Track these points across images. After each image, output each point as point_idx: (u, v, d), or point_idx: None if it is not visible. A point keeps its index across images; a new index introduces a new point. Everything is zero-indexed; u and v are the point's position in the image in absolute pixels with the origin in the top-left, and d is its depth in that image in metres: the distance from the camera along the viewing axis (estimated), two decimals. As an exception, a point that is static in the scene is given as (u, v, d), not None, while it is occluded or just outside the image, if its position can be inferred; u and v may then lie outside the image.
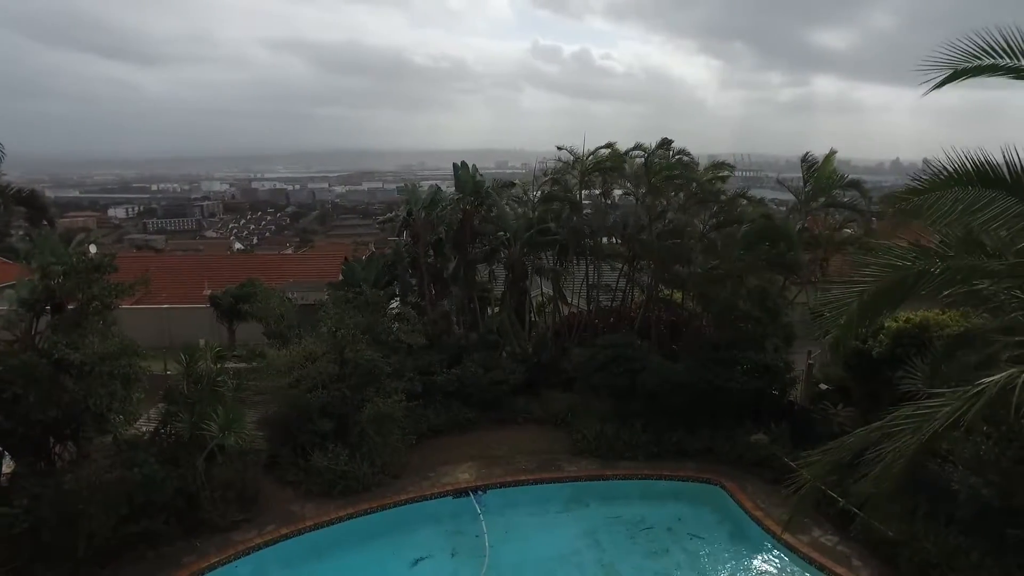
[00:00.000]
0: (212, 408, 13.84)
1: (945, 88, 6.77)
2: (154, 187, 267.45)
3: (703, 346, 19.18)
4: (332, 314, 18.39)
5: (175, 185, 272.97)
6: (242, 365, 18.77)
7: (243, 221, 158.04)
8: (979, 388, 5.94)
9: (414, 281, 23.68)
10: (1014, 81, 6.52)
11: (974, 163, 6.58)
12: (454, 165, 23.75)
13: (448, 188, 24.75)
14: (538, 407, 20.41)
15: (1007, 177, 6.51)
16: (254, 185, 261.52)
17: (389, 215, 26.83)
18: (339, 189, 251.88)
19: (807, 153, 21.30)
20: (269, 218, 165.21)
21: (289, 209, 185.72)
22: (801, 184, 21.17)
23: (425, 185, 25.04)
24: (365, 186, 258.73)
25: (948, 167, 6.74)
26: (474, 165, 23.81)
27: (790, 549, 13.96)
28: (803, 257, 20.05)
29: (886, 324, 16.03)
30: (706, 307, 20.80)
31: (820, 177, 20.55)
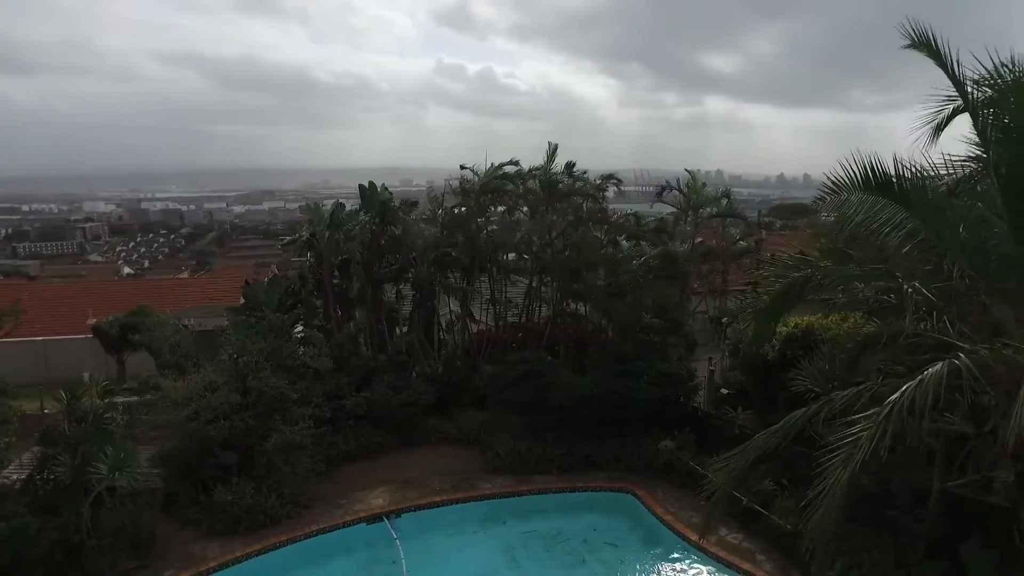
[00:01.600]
0: (99, 448, 12.83)
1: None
2: (25, 207, 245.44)
3: (609, 358, 19.74)
4: (233, 340, 17.57)
5: (51, 205, 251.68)
6: (134, 399, 17.57)
7: (132, 244, 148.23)
8: (888, 407, 6.50)
9: (319, 303, 23.04)
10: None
11: (872, 175, 7.17)
12: (360, 187, 23.37)
13: (352, 206, 24.32)
14: (451, 427, 20.28)
15: (895, 187, 7.13)
16: (144, 205, 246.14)
17: (292, 236, 26.01)
18: (238, 209, 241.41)
19: (689, 178, 22.77)
20: (162, 240, 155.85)
21: (184, 230, 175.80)
22: (686, 201, 22.55)
23: (329, 204, 24.49)
24: (266, 206, 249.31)
25: (846, 179, 7.34)
26: (383, 184, 23.54)
27: (700, 550, 14.51)
28: (692, 270, 21.18)
29: (777, 329, 17.14)
30: (610, 320, 21.48)
31: (699, 194, 22.06)
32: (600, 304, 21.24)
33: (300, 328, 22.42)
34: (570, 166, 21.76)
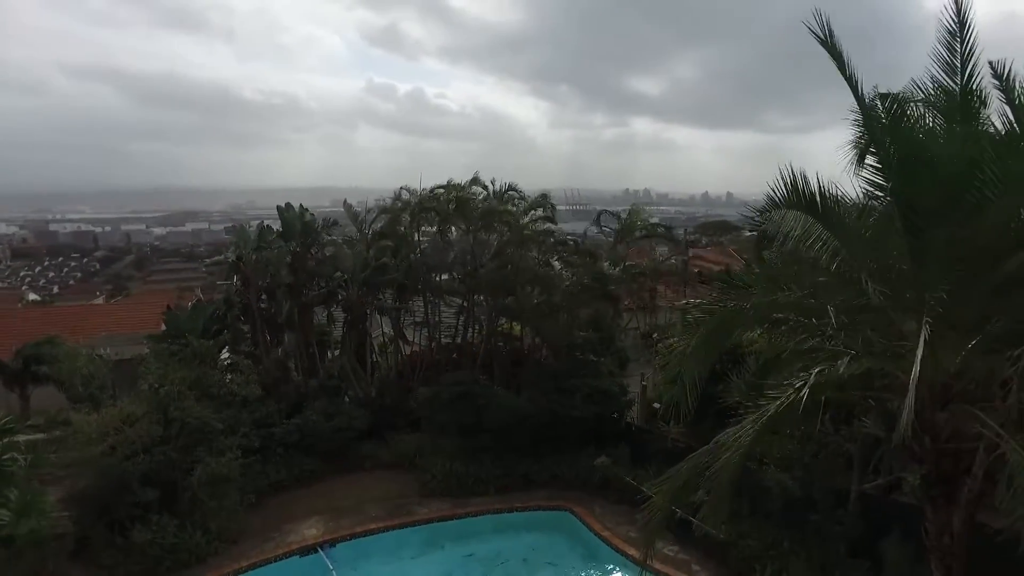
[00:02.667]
0: None
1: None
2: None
3: (543, 377, 19.89)
4: (154, 369, 16.75)
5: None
6: (40, 436, 16.36)
7: (39, 268, 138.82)
8: (763, 414, 6.91)
9: (247, 328, 22.25)
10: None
11: (798, 195, 7.53)
12: (278, 208, 22.83)
13: (280, 227, 23.73)
14: (386, 451, 19.89)
15: (819, 206, 7.52)
16: (52, 227, 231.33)
17: (217, 258, 25.09)
18: (159, 231, 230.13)
19: (628, 202, 23.47)
20: (73, 264, 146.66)
21: (98, 253, 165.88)
22: (619, 222, 23.27)
23: (256, 225, 23.79)
24: (189, 227, 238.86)
25: (779, 197, 7.69)
26: (301, 205, 23.05)
27: (638, 564, 14.68)
28: (623, 288, 21.74)
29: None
30: (543, 338, 21.68)
31: (632, 218, 22.83)
32: (533, 323, 21.40)
33: (227, 355, 21.58)
34: (507, 188, 22.00)
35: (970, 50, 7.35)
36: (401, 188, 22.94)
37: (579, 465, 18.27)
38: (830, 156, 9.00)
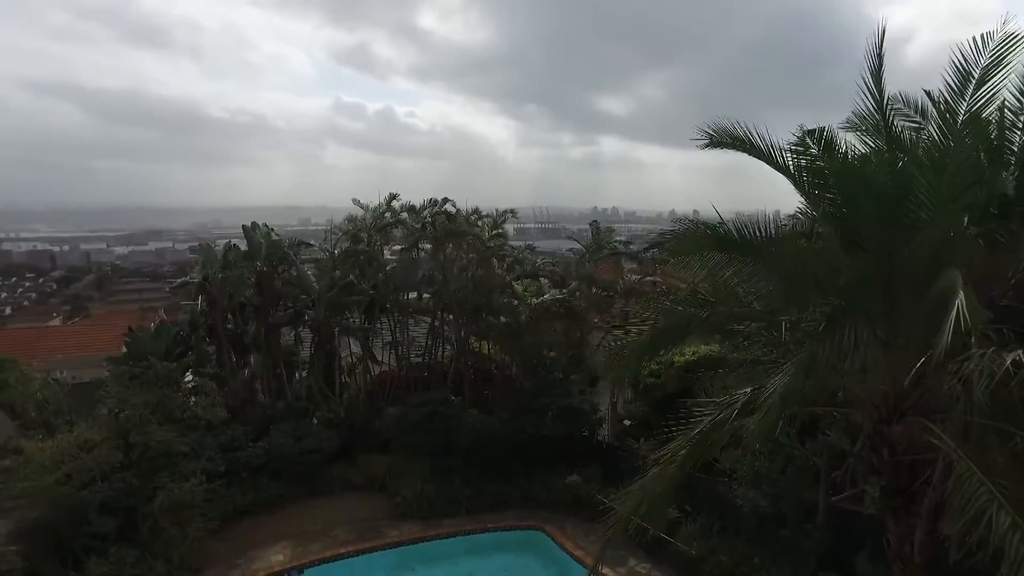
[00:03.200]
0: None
1: (702, 152, 8.19)
2: None
3: (514, 396, 19.86)
4: (114, 393, 16.28)
5: None
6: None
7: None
8: (698, 426, 7.19)
9: (212, 350, 21.79)
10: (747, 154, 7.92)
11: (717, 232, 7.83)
12: (244, 227, 22.53)
13: (246, 247, 23.42)
14: (355, 473, 19.58)
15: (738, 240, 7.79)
16: (6, 246, 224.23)
17: (183, 278, 24.54)
18: (121, 250, 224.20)
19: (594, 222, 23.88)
20: (28, 284, 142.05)
21: (55, 273, 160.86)
22: (589, 238, 23.55)
23: (222, 244, 23.41)
24: (152, 246, 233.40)
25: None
26: (266, 224, 22.78)
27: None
28: (591, 306, 21.93)
29: (675, 360, 17.90)
30: (513, 357, 21.67)
31: (600, 236, 23.21)
32: (502, 342, 21.39)
33: (191, 377, 21.08)
34: (474, 211, 22.16)
35: (880, 82, 7.70)
36: (363, 204, 22.93)
37: (550, 484, 18.23)
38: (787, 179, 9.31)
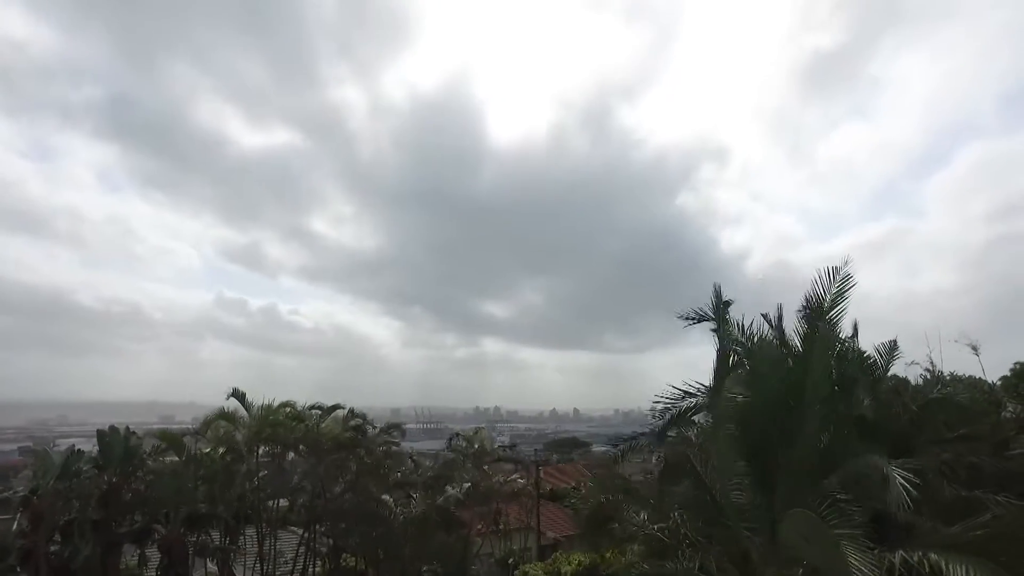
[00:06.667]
0: None
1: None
2: None
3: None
4: None
5: None
6: None
7: None
8: None
9: (25, 579, 18.25)
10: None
11: None
12: (99, 432, 20.24)
13: (95, 447, 20.84)
14: None
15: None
16: None
17: (2, 491, 21.16)
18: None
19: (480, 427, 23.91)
20: None
21: None
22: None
23: (64, 445, 20.74)
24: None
25: None
26: (127, 427, 20.70)
27: None
28: (472, 514, 21.21)
29: (563, 570, 17.21)
30: (390, 573, 19.92)
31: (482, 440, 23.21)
32: (376, 558, 19.77)
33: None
34: (354, 414, 21.52)
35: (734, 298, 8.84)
36: (240, 402, 21.54)
37: None
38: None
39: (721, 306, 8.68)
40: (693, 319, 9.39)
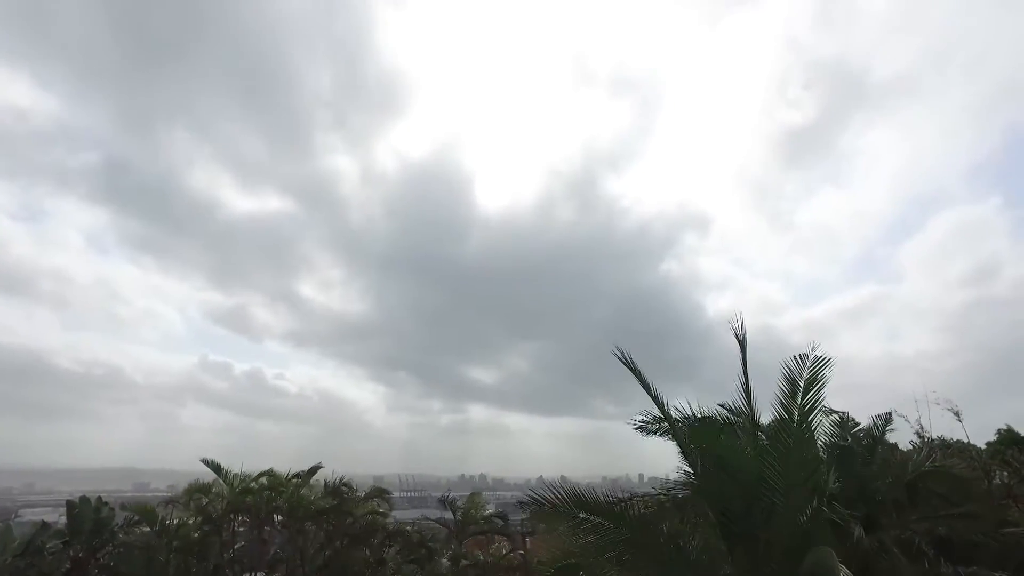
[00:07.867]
0: None
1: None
2: None
3: None
4: None
5: None
6: None
7: None
8: None
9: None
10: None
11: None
12: (69, 503, 19.33)
13: (62, 518, 19.88)
14: None
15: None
16: None
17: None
18: None
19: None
20: None
21: None
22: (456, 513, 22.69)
23: (28, 515, 19.72)
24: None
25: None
26: (99, 498, 19.83)
27: None
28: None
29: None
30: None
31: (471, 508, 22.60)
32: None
33: None
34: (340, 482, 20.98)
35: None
36: (220, 470, 20.81)
37: None
38: (651, 443, 10.02)
39: (670, 416, 8.58)
40: (650, 430, 9.47)
